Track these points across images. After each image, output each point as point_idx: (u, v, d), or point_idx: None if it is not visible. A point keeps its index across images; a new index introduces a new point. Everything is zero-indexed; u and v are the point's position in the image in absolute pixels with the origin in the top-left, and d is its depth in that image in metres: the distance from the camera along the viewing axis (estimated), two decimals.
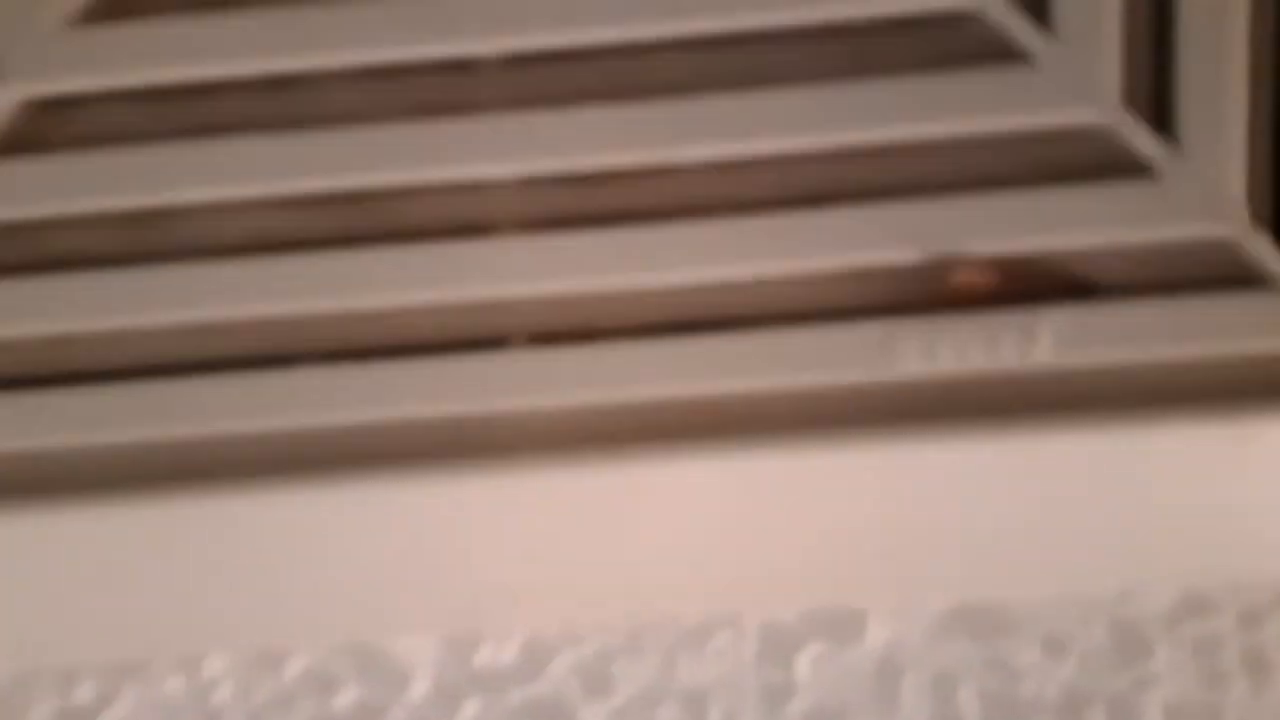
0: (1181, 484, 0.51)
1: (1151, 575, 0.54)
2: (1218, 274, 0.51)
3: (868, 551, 0.53)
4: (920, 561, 0.53)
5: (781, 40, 0.51)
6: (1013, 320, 0.51)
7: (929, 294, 0.51)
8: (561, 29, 0.51)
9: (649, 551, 0.53)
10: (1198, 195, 0.50)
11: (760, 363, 0.52)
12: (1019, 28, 0.51)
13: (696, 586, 0.54)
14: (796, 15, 0.50)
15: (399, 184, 0.52)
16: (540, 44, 0.52)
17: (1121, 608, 0.55)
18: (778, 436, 0.51)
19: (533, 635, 0.56)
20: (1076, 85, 0.50)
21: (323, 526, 0.53)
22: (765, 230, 0.51)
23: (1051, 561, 0.53)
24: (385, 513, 0.53)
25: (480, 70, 0.52)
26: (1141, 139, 0.50)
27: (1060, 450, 0.51)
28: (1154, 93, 0.50)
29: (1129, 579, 0.54)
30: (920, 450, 0.51)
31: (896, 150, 0.51)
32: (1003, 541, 0.53)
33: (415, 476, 0.52)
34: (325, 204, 0.52)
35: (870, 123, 0.51)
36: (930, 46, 0.50)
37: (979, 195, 0.51)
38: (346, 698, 0.57)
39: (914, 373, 0.51)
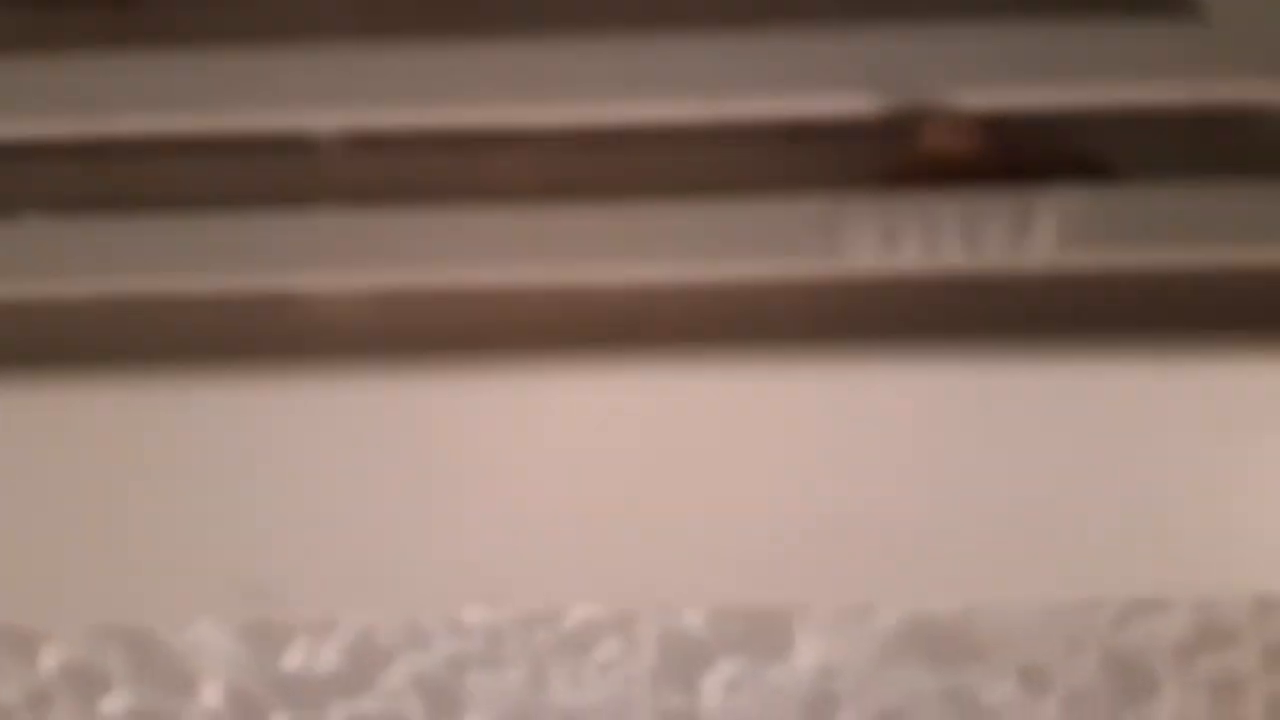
0: (1217, 445, 0.45)
1: (1162, 589, 0.50)
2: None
3: (797, 535, 0.46)
4: (865, 553, 0.47)
5: None
6: (1002, 202, 0.45)
7: (889, 160, 0.45)
8: None
9: (512, 522, 0.46)
10: (1256, 42, 0.45)
11: (654, 246, 0.44)
12: None
13: (576, 575, 0.47)
14: None
15: None
16: None
17: (1120, 633, 0.52)
18: (673, 351, 0.44)
19: (361, 633, 0.52)
20: None
21: (61, 451, 0.45)
22: (661, 58, 0.44)
23: (1036, 563, 0.47)
24: (151, 432, 0.44)
25: None
26: None
27: (1062, 388, 0.44)
28: None
29: (1131, 593, 0.51)
30: (869, 380, 0.44)
31: None
32: (975, 530, 0.46)
33: (190, 379, 0.44)
34: None
35: None
36: None
37: (963, 24, 0.44)
38: (115, 704, 0.52)
39: (864, 268, 0.44)
